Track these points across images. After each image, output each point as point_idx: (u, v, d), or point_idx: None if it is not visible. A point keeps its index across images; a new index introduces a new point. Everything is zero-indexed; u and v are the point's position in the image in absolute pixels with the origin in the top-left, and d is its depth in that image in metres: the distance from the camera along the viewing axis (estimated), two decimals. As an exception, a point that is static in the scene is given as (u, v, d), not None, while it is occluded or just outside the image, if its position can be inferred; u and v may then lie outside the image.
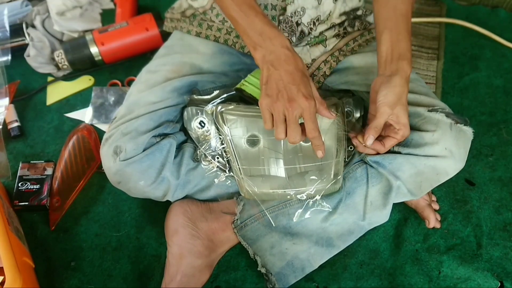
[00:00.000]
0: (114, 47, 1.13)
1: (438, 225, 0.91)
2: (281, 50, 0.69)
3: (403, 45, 0.75)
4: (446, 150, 0.77)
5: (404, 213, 0.94)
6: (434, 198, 0.96)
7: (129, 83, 1.15)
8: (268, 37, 0.70)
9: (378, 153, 0.81)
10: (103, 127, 1.07)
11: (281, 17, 0.85)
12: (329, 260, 0.87)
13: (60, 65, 1.13)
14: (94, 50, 1.13)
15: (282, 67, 0.69)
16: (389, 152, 0.80)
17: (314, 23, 0.86)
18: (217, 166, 0.85)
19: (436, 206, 0.95)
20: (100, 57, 1.14)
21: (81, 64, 1.14)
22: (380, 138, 0.77)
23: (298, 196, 0.83)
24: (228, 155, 0.84)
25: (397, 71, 0.73)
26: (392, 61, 0.74)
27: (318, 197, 0.83)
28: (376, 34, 0.78)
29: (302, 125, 0.70)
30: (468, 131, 0.80)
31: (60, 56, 1.12)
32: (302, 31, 0.87)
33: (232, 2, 0.71)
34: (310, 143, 0.83)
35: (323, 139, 0.82)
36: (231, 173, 0.85)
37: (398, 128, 0.74)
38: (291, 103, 0.67)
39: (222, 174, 0.85)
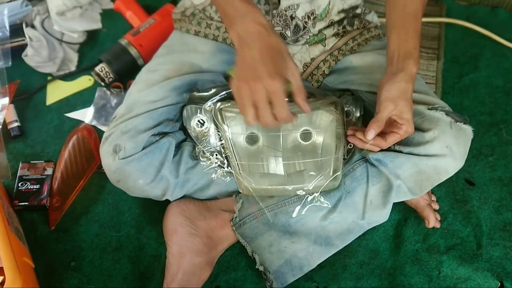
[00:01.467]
0: (152, 45, 1.12)
1: (438, 225, 0.91)
2: (254, 26, 0.66)
3: (410, 44, 0.75)
4: (447, 148, 0.77)
5: (404, 213, 0.94)
6: (434, 198, 0.96)
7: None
8: (241, 14, 0.67)
9: (380, 150, 0.80)
10: (101, 128, 1.07)
11: (274, 11, 0.84)
12: (329, 260, 0.87)
13: (106, 79, 1.12)
14: (135, 53, 1.13)
15: (254, 45, 0.65)
16: (390, 150, 0.80)
17: (308, 17, 0.86)
18: (216, 163, 0.85)
19: (436, 206, 0.95)
20: (141, 59, 1.14)
21: (125, 70, 1.13)
22: (382, 135, 0.76)
23: (297, 192, 0.83)
24: (227, 152, 0.84)
25: (403, 69, 0.73)
26: (399, 60, 0.74)
27: (316, 194, 0.83)
28: (386, 34, 0.78)
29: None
30: (468, 130, 0.80)
31: (103, 70, 1.11)
32: (297, 25, 0.86)
33: None
34: (309, 142, 0.83)
35: (322, 137, 0.83)
36: (230, 169, 0.85)
37: (401, 123, 0.74)
38: (255, 82, 0.63)
39: (220, 170, 0.85)
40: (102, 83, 1.13)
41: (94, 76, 1.13)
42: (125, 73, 1.14)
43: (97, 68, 1.12)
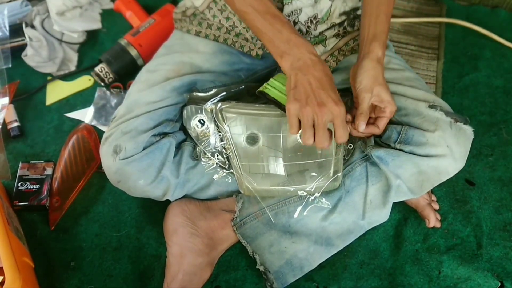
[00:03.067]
0: (152, 45, 1.12)
1: (438, 225, 0.91)
2: (309, 56, 0.70)
3: (379, 28, 0.77)
4: (447, 149, 0.77)
5: (404, 213, 0.94)
6: (434, 197, 0.96)
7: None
8: (295, 45, 0.71)
9: (377, 138, 0.83)
10: (101, 128, 1.07)
11: None
12: (329, 260, 0.87)
13: (106, 79, 1.12)
14: (134, 53, 1.13)
15: (310, 73, 0.69)
16: (392, 148, 0.80)
17: (311, 21, 0.86)
18: (217, 163, 0.85)
19: (436, 206, 0.95)
20: (141, 59, 1.14)
21: (125, 71, 1.13)
22: (372, 120, 0.78)
23: (298, 193, 0.83)
24: (228, 152, 0.84)
25: (368, 53, 0.75)
26: (366, 43, 0.76)
27: (317, 194, 0.83)
28: (360, 20, 0.81)
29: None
30: (468, 130, 0.80)
31: (103, 70, 1.11)
32: (299, 30, 0.87)
33: (257, 14, 0.72)
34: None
35: None
36: (231, 169, 0.85)
37: (383, 106, 0.75)
38: (321, 108, 0.67)
39: (221, 170, 0.85)
40: (102, 83, 1.13)
41: (94, 76, 1.13)
42: (125, 73, 1.14)
43: (97, 68, 1.12)
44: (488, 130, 1.08)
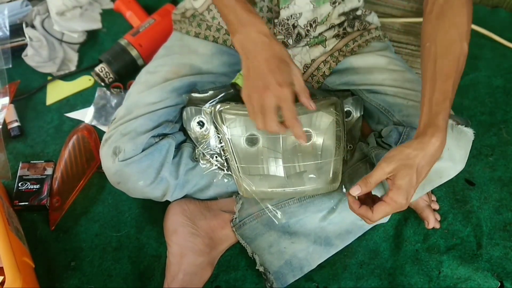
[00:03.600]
0: (152, 45, 1.12)
1: (437, 226, 0.91)
2: (258, 36, 0.68)
3: (434, 110, 0.67)
4: (448, 151, 0.77)
5: (404, 213, 0.94)
6: (434, 198, 0.96)
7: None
8: (245, 24, 0.69)
9: (378, 138, 0.81)
10: (102, 128, 1.07)
11: (276, 20, 0.85)
12: (329, 260, 0.87)
13: (106, 79, 1.12)
14: (134, 53, 1.13)
15: (259, 55, 0.68)
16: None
17: (311, 25, 0.86)
18: (216, 165, 0.85)
19: (436, 206, 0.95)
20: (141, 59, 1.14)
21: (125, 71, 1.13)
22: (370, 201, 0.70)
23: (297, 195, 0.83)
24: (227, 154, 0.84)
25: (419, 137, 0.66)
26: (421, 128, 0.67)
27: (317, 195, 0.83)
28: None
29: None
30: (469, 132, 0.79)
31: (103, 70, 1.11)
32: (299, 33, 0.87)
33: None
34: (309, 143, 0.83)
35: (322, 138, 0.82)
36: (230, 171, 0.85)
37: (390, 188, 0.65)
38: (265, 91, 0.66)
39: (220, 172, 0.85)
40: (102, 83, 1.13)
41: (94, 76, 1.13)
42: (125, 73, 1.14)
43: (97, 68, 1.12)
44: (488, 130, 1.08)
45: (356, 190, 0.66)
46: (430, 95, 0.67)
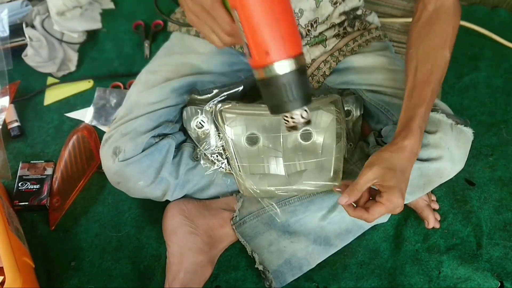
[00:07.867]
0: None
1: (437, 225, 0.91)
2: None
3: (410, 114, 0.69)
4: (448, 151, 0.77)
5: (404, 213, 0.94)
6: (433, 197, 0.96)
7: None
8: None
9: (379, 137, 0.80)
10: (101, 128, 1.07)
11: None
12: (329, 260, 0.87)
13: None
14: None
15: None
16: None
17: (312, 25, 0.86)
18: (216, 164, 0.85)
19: (436, 206, 0.95)
20: None
21: None
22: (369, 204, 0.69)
23: (298, 193, 0.83)
24: (227, 153, 0.84)
25: (395, 139, 0.68)
26: (398, 131, 0.69)
27: (317, 194, 0.83)
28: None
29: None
30: (469, 132, 0.79)
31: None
32: (299, 33, 0.87)
33: None
34: (309, 141, 0.83)
35: (323, 137, 0.82)
36: (230, 171, 0.85)
37: (382, 191, 0.65)
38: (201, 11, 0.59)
39: (221, 172, 0.85)
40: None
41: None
42: None
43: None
44: (488, 130, 1.08)
45: (344, 199, 0.66)
46: (408, 100, 0.70)
